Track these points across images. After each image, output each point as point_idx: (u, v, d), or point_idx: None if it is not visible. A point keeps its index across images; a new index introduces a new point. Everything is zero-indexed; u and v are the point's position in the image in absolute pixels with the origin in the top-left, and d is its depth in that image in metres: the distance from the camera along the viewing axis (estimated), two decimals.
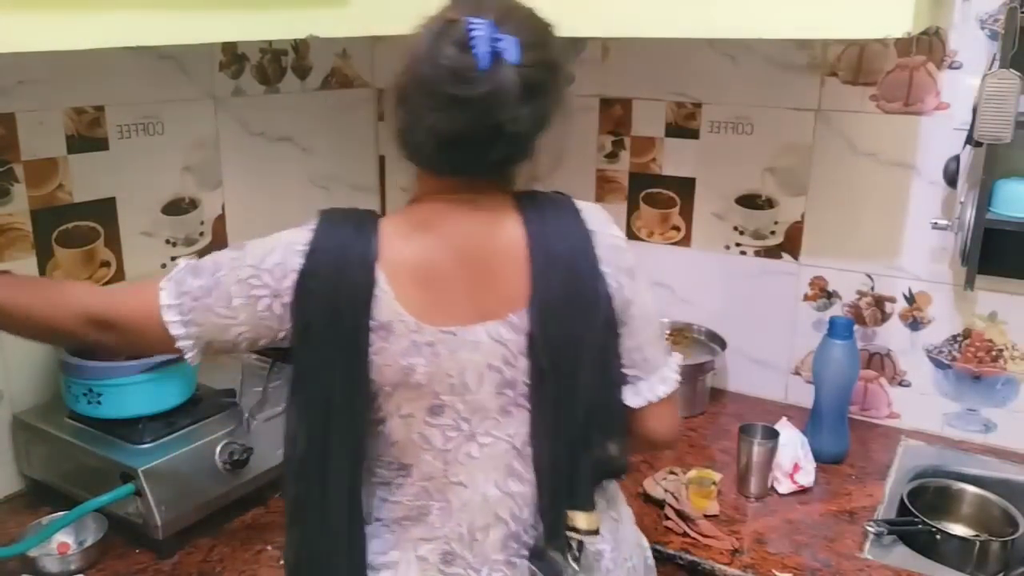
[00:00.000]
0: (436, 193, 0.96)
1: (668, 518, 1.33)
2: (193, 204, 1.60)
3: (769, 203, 1.71)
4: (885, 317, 1.66)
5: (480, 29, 0.86)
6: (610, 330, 0.97)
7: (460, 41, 0.87)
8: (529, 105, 0.88)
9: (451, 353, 0.93)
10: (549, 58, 0.93)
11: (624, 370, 1.01)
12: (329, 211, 0.96)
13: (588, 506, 0.97)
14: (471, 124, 0.88)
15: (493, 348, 0.94)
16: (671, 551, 1.28)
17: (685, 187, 1.78)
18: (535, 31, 0.93)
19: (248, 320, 0.93)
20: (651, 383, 1.02)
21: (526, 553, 0.97)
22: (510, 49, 0.86)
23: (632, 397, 1.01)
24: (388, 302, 0.91)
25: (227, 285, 0.92)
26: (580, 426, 0.96)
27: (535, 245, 0.94)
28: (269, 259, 0.92)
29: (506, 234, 0.95)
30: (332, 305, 0.90)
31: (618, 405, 1.01)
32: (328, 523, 0.95)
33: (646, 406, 1.02)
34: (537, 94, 0.89)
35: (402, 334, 0.91)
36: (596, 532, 0.97)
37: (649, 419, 1.03)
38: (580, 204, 1.00)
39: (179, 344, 0.94)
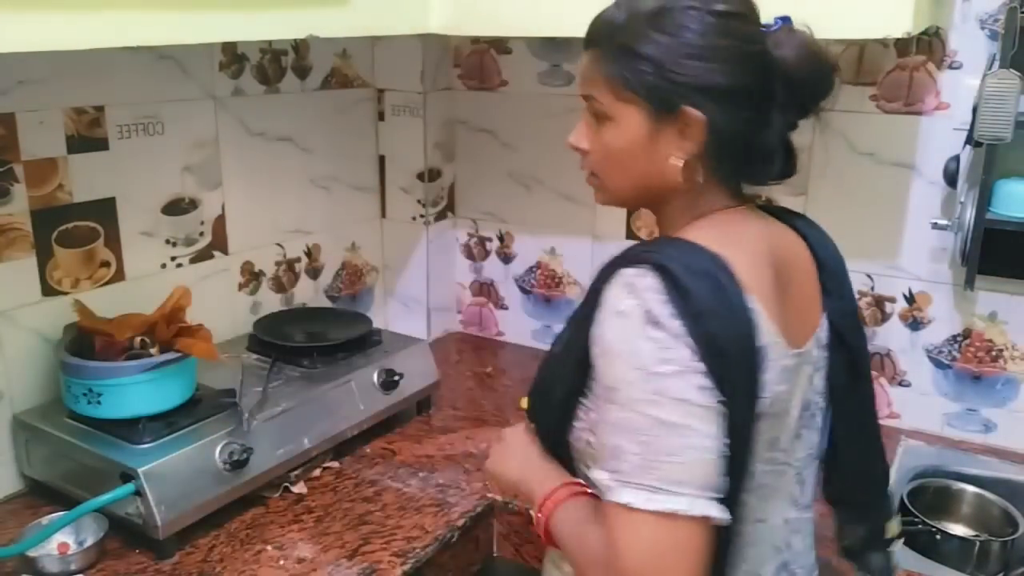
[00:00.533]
0: (719, 207, 0.89)
1: None
2: (193, 204, 1.60)
3: (768, 203, 1.70)
4: (885, 317, 1.66)
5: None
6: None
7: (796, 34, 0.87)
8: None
9: (805, 377, 0.89)
10: None
11: None
12: (641, 256, 0.79)
13: (892, 512, 1.00)
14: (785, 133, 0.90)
15: (810, 369, 0.90)
16: None
17: None
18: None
19: (701, 419, 0.75)
20: None
21: None
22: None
23: None
24: (764, 323, 0.79)
25: (646, 420, 0.75)
26: (877, 434, 0.98)
27: (818, 250, 0.94)
28: (643, 356, 0.75)
29: (795, 243, 0.93)
30: (737, 338, 0.77)
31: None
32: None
33: None
34: None
35: (775, 359, 0.81)
36: (901, 537, 1.00)
37: None
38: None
39: (697, 513, 0.74)
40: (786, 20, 0.88)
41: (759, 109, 0.84)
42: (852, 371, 0.93)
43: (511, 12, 1.43)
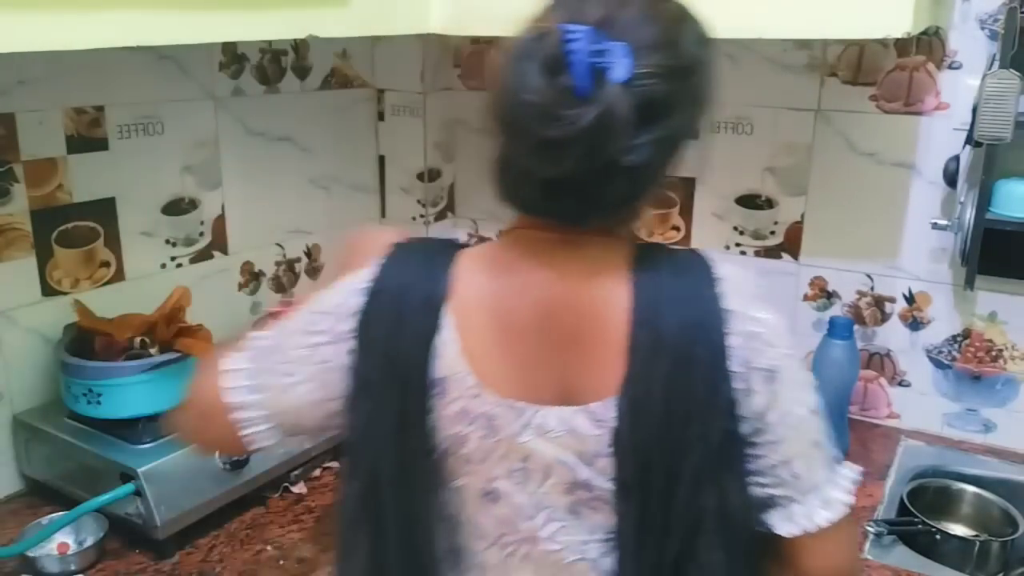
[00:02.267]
0: (532, 227, 0.79)
1: None
2: (193, 204, 1.60)
3: (769, 203, 1.70)
4: (885, 317, 1.66)
5: (576, 41, 0.66)
6: (732, 443, 0.75)
7: (550, 62, 0.68)
8: (651, 128, 0.69)
9: (514, 433, 0.75)
10: (678, 59, 0.71)
11: (768, 489, 0.77)
12: (404, 242, 0.81)
13: None
14: (575, 167, 0.69)
15: (565, 439, 0.75)
16: None
17: (685, 187, 1.78)
18: (656, 26, 0.71)
19: (310, 375, 0.79)
20: (808, 507, 0.78)
21: None
22: (617, 62, 0.66)
23: (783, 523, 0.78)
24: (451, 355, 0.75)
25: (288, 339, 0.81)
26: (673, 555, 0.75)
27: (640, 318, 0.73)
28: (328, 301, 0.80)
29: (607, 294, 0.75)
30: (388, 356, 0.76)
31: (760, 529, 0.78)
32: None
33: (802, 536, 0.78)
34: (661, 111, 0.69)
35: (456, 396, 0.75)
36: None
37: (810, 553, 0.79)
38: (724, 270, 0.76)
39: (240, 417, 0.80)
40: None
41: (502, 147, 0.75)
42: (635, 474, 0.74)
43: (511, 12, 1.42)
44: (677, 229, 1.81)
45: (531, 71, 0.69)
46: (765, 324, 0.75)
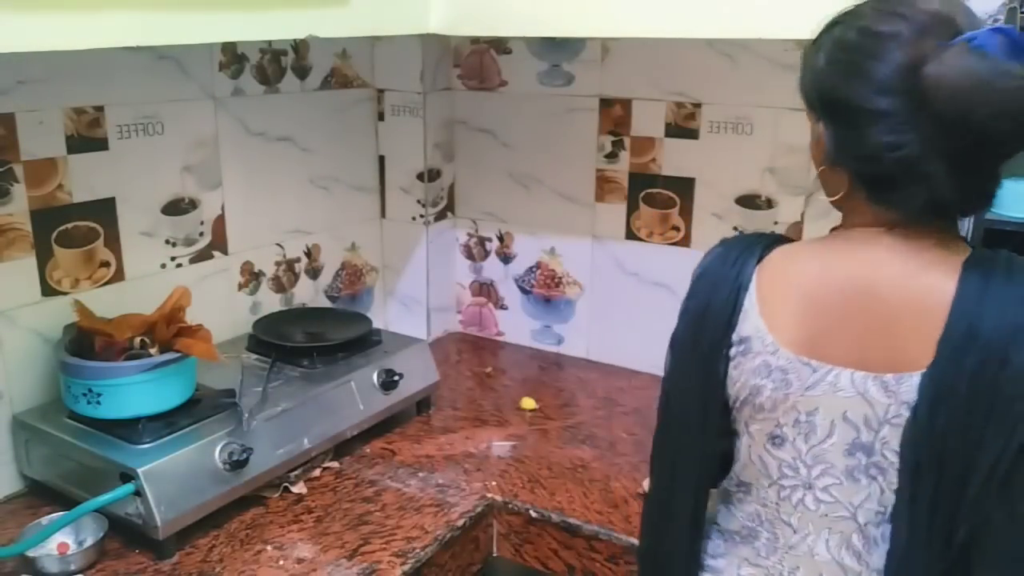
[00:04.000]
0: (869, 223, 0.86)
1: None
2: (193, 204, 1.60)
3: (769, 203, 1.70)
4: None
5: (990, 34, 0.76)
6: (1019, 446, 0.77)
7: (993, 56, 0.74)
8: None
9: (803, 387, 0.86)
10: None
11: None
12: (731, 237, 0.96)
13: None
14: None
15: (854, 401, 0.84)
16: None
17: (685, 187, 1.78)
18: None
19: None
20: None
21: None
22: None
23: None
24: (752, 317, 0.89)
25: None
26: (954, 549, 0.79)
27: (960, 308, 0.78)
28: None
29: (929, 282, 0.81)
30: (698, 322, 0.91)
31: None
32: (673, 519, 0.98)
33: None
34: None
35: (757, 351, 0.88)
36: None
37: None
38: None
39: None
40: (998, 32, 0.76)
41: (891, 132, 0.78)
42: (920, 452, 0.80)
43: (511, 12, 1.43)
44: (677, 229, 1.81)
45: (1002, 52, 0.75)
46: None
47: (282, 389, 1.45)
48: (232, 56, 1.63)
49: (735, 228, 1.75)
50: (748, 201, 1.72)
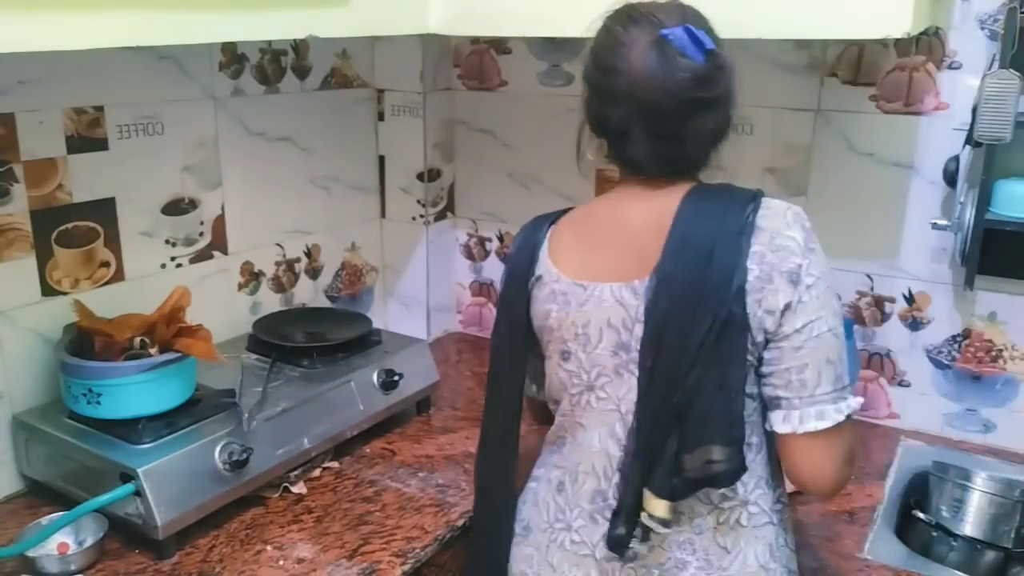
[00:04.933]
0: (624, 179, 1.07)
1: None
2: (193, 204, 1.60)
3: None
4: (885, 317, 1.66)
5: (680, 32, 0.95)
6: (736, 329, 0.93)
7: (672, 50, 0.95)
8: (727, 85, 1.00)
9: (579, 305, 1.03)
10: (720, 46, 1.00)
11: (772, 389, 0.96)
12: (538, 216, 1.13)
13: (663, 494, 0.96)
14: (716, 122, 0.99)
15: (614, 308, 1.01)
16: None
17: None
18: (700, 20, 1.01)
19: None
20: (803, 412, 0.94)
21: (608, 515, 1.03)
22: (707, 40, 0.96)
23: (780, 423, 0.96)
24: (543, 260, 1.07)
25: None
26: (674, 412, 0.94)
27: (677, 221, 0.97)
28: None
29: (660, 207, 0.99)
30: (510, 277, 1.10)
31: (733, 413, 0.95)
32: (498, 431, 1.14)
33: (790, 436, 0.96)
34: (729, 76, 1.00)
35: (547, 283, 1.06)
36: (666, 524, 0.97)
37: (795, 453, 0.97)
38: (770, 203, 0.98)
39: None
40: (686, 31, 0.96)
41: (602, 102, 1.01)
42: (654, 332, 0.97)
43: (511, 12, 1.43)
44: None
45: (670, 55, 0.95)
46: (795, 240, 0.94)
47: (282, 389, 1.45)
48: (232, 56, 1.63)
49: None
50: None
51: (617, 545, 1.01)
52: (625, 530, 1.00)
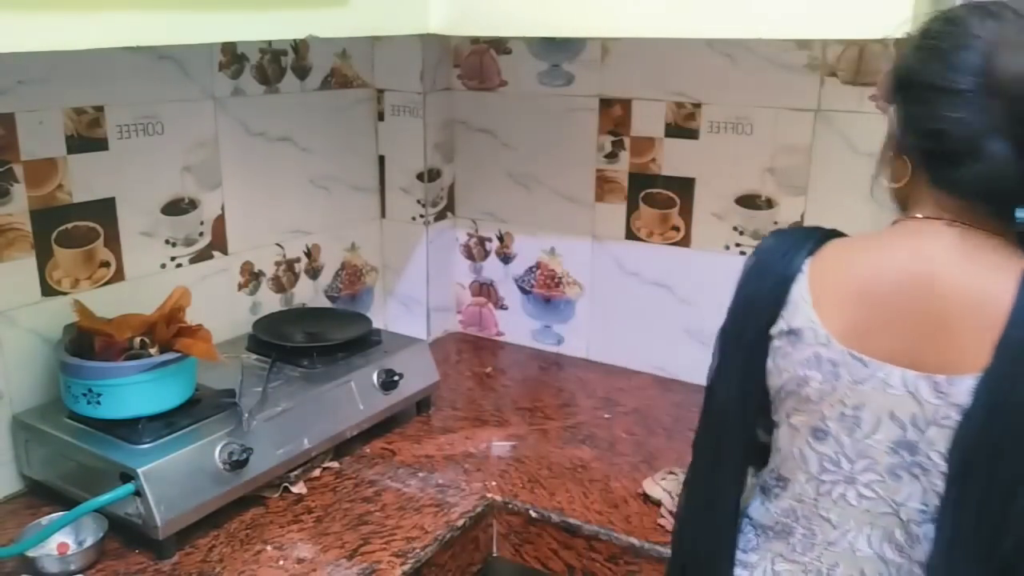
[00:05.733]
0: (930, 214, 0.86)
1: (663, 516, 1.33)
2: (193, 204, 1.60)
3: (769, 203, 1.70)
4: None
5: None
6: None
7: None
8: None
9: (852, 381, 0.86)
10: None
11: None
12: (784, 230, 0.97)
13: None
14: None
15: (903, 400, 0.84)
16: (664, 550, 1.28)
17: (685, 187, 1.78)
18: None
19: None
20: None
21: None
22: None
23: None
24: (804, 309, 0.88)
25: None
26: (998, 559, 0.80)
27: (1020, 315, 0.78)
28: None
29: (989, 285, 0.80)
30: (744, 312, 0.92)
31: None
32: (712, 509, 0.99)
33: None
34: None
35: (808, 343, 0.88)
36: None
37: None
38: None
39: None
40: None
41: (951, 106, 0.80)
42: (969, 459, 0.80)
43: (511, 12, 1.43)
44: (677, 229, 1.81)
45: None
46: None
47: (282, 389, 1.45)
48: (232, 56, 1.63)
49: (735, 228, 1.74)
50: (748, 201, 1.72)
51: None
52: None
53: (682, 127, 1.75)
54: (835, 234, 0.94)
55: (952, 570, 0.83)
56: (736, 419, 0.96)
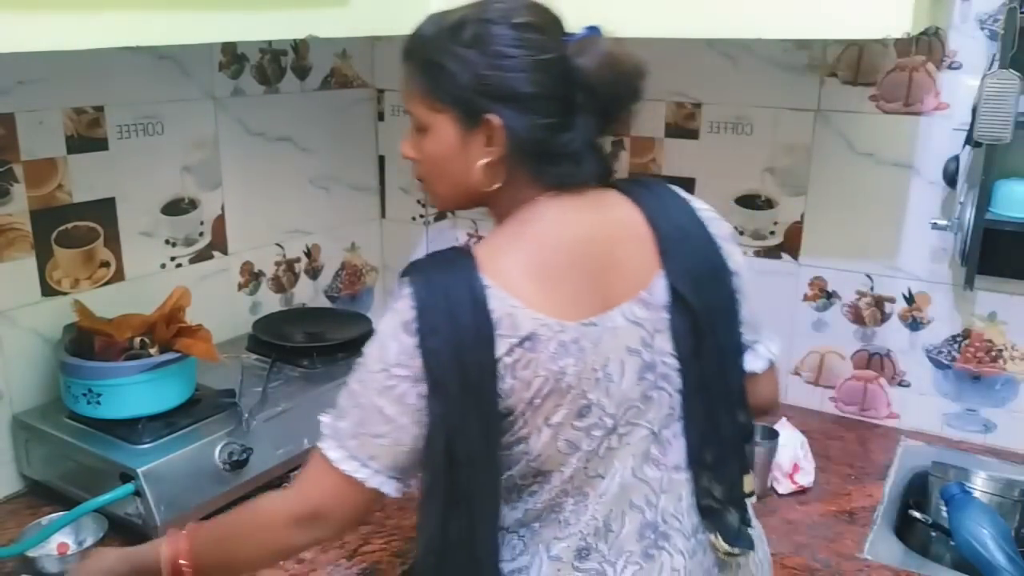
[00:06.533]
0: (528, 196, 0.93)
1: None
2: (193, 204, 1.60)
3: (768, 203, 1.70)
4: (884, 317, 1.66)
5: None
6: (734, 297, 0.98)
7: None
8: None
9: (595, 345, 0.89)
10: None
11: (745, 336, 1.01)
12: (413, 266, 0.90)
13: (747, 468, 1.00)
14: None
15: (631, 330, 0.92)
16: None
17: (685, 187, 1.76)
18: None
19: (412, 420, 0.88)
20: (767, 344, 1.03)
21: (664, 544, 0.94)
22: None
23: (754, 361, 1.02)
24: (522, 313, 0.86)
25: (372, 403, 0.89)
26: (730, 391, 0.98)
27: (656, 217, 0.95)
28: (389, 353, 0.87)
29: (619, 213, 0.95)
30: (454, 355, 0.85)
31: (741, 372, 1.01)
32: (474, 558, 0.93)
33: (767, 368, 1.03)
34: None
35: (548, 338, 0.87)
36: (753, 494, 1.00)
37: (765, 383, 1.04)
38: (677, 190, 1.02)
39: (373, 486, 0.91)
40: (593, 30, 0.93)
41: (557, 114, 0.89)
42: (695, 332, 0.94)
43: None
44: None
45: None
46: (712, 210, 1.02)
47: (282, 389, 1.45)
48: (232, 56, 1.63)
49: (735, 228, 1.74)
50: (748, 201, 1.72)
51: (739, 537, 0.96)
52: (739, 518, 0.98)
53: (682, 127, 1.75)
54: (461, 249, 0.93)
55: (703, 447, 0.96)
56: (484, 459, 0.89)
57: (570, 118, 0.90)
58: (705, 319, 0.94)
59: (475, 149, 0.91)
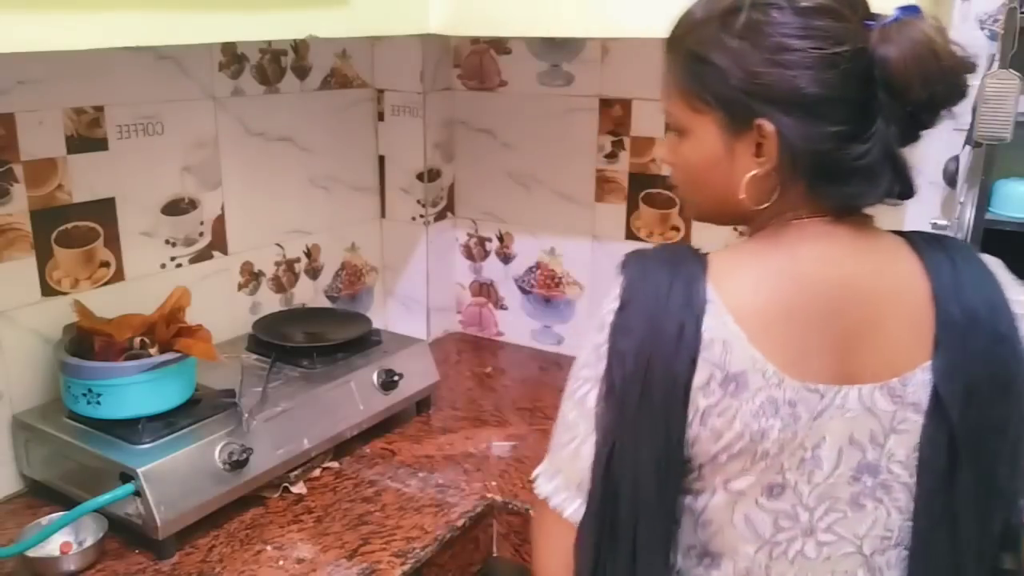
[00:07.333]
0: (803, 216, 0.78)
1: None
2: (193, 204, 1.60)
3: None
4: None
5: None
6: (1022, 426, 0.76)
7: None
8: None
9: (812, 417, 0.74)
10: None
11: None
12: (633, 255, 0.80)
13: None
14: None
15: (863, 419, 0.75)
16: None
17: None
18: None
19: (588, 427, 0.78)
20: None
21: None
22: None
23: None
24: (740, 346, 0.73)
25: (562, 410, 0.80)
26: (988, 536, 0.76)
27: (944, 292, 0.74)
28: (582, 354, 0.79)
29: (897, 269, 0.77)
30: (645, 360, 0.73)
31: (1016, 520, 0.79)
32: None
33: None
34: None
35: (758, 388, 0.73)
36: None
37: None
38: (987, 257, 0.80)
39: (555, 504, 0.81)
40: (908, 10, 0.73)
41: (849, 120, 0.73)
42: (950, 452, 0.74)
43: (511, 12, 1.43)
44: (677, 229, 1.81)
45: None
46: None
47: (282, 389, 1.45)
48: (232, 56, 1.63)
49: (735, 228, 1.74)
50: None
51: None
52: None
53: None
54: (693, 249, 0.81)
55: (929, 559, 0.78)
56: (652, 493, 0.76)
57: (866, 124, 0.73)
58: (967, 442, 0.74)
59: (742, 159, 0.77)
